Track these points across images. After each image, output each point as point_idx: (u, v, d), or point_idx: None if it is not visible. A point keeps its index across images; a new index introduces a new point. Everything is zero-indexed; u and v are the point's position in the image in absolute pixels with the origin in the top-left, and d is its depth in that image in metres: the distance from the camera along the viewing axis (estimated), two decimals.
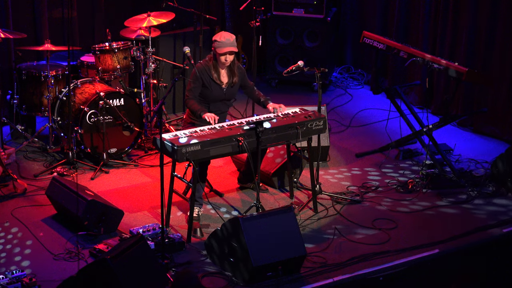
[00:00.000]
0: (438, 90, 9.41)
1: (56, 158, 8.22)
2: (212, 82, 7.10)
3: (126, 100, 8.21)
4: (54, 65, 8.45)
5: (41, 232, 6.90)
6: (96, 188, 7.52)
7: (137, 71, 8.99)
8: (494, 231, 7.06)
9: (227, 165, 8.17)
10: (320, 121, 7.07)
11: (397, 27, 9.81)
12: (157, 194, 6.89)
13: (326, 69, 7.53)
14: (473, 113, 8.81)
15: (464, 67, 7.92)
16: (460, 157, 8.38)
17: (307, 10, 10.12)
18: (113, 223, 6.90)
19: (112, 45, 8.46)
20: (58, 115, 8.27)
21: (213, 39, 7.06)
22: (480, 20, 8.85)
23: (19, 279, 5.99)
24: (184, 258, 6.51)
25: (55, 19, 9.15)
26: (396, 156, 8.43)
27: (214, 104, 7.16)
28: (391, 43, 8.37)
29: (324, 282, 6.25)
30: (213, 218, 7.15)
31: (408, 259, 6.61)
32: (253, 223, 6.21)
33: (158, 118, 6.35)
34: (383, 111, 9.43)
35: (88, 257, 6.48)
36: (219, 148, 6.63)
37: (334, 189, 7.75)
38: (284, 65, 10.12)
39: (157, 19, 8.60)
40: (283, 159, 7.67)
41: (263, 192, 7.63)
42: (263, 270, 6.16)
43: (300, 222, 7.05)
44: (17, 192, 7.51)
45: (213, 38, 7.06)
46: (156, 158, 8.30)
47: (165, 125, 8.76)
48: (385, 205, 7.47)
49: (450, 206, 7.47)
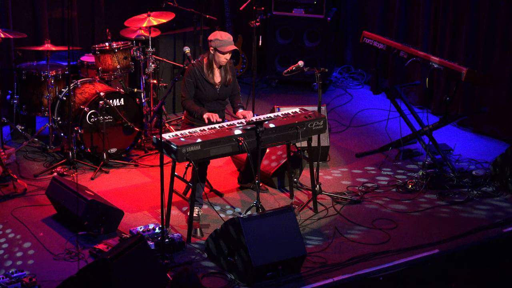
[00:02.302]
0: (438, 90, 9.41)
1: (56, 158, 8.22)
2: (206, 82, 7.10)
3: (126, 100, 8.21)
4: (54, 65, 8.45)
5: (41, 232, 6.90)
6: (96, 188, 7.51)
7: (137, 71, 8.99)
8: (494, 231, 7.06)
9: (227, 165, 8.17)
10: (320, 121, 7.07)
11: (397, 27, 9.82)
12: (157, 194, 6.89)
13: (326, 69, 7.53)
14: (473, 113, 8.80)
15: (464, 67, 7.93)
16: (460, 157, 8.38)
17: (307, 10, 10.13)
18: (113, 223, 6.90)
19: (112, 45, 8.46)
20: (58, 115, 8.27)
21: (212, 39, 7.04)
22: (480, 20, 8.85)
23: (19, 279, 5.99)
24: (184, 258, 6.51)
25: (55, 19, 9.16)
26: (396, 156, 8.42)
27: (209, 104, 7.16)
28: (391, 43, 8.37)
29: (324, 282, 6.25)
30: (213, 218, 7.15)
31: (408, 259, 6.61)
32: (253, 223, 6.21)
33: (158, 118, 6.35)
34: (383, 111, 9.43)
35: (88, 257, 6.48)
36: (219, 148, 6.63)
37: (334, 189, 7.75)
38: (284, 65, 10.13)
39: (157, 19, 8.60)
40: (283, 159, 7.67)
41: (263, 192, 7.63)
42: (263, 270, 6.15)
43: (300, 222, 7.05)
44: (17, 192, 7.51)
45: (211, 38, 7.05)
46: (156, 158, 8.30)
47: (165, 125, 8.77)
48: (385, 205, 7.47)
49: (450, 206, 7.47)
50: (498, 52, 8.73)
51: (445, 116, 8.18)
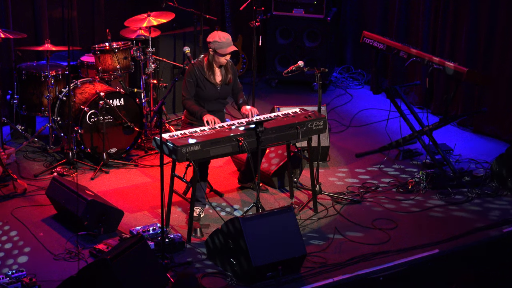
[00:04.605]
0: (438, 90, 9.41)
1: (56, 158, 8.22)
2: (206, 81, 7.09)
3: (126, 100, 8.21)
4: (54, 65, 8.45)
5: (41, 232, 6.90)
6: (96, 188, 7.52)
7: (137, 71, 8.99)
8: (494, 231, 7.06)
9: (227, 165, 8.17)
10: (320, 121, 7.07)
11: (397, 27, 9.82)
12: (157, 194, 6.89)
13: (326, 69, 7.53)
14: (473, 113, 8.80)
15: (464, 67, 7.93)
16: (460, 157, 8.38)
17: (307, 10, 10.13)
18: (113, 223, 6.90)
19: (112, 45, 8.46)
20: (58, 115, 8.27)
21: (211, 40, 7.01)
22: (480, 20, 8.85)
23: (19, 279, 5.99)
24: (184, 258, 6.51)
25: (55, 19, 9.16)
26: (396, 156, 8.42)
27: (209, 103, 7.15)
28: (391, 43, 8.37)
29: (324, 282, 6.25)
30: (213, 218, 7.15)
31: (408, 259, 6.61)
32: (253, 223, 6.21)
33: (158, 118, 6.35)
34: (383, 111, 9.43)
35: (88, 257, 6.49)
36: (219, 148, 6.63)
37: (334, 189, 7.75)
38: (284, 65, 10.13)
39: (157, 19, 8.60)
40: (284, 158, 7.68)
41: (263, 192, 7.63)
42: (263, 270, 6.15)
43: (300, 222, 7.05)
44: (17, 192, 7.51)
45: (210, 39, 7.02)
46: (156, 158, 8.30)
47: (165, 125, 8.77)
48: (385, 205, 7.47)
49: (450, 206, 7.47)
50: (498, 52, 8.73)
51: (445, 116, 8.18)
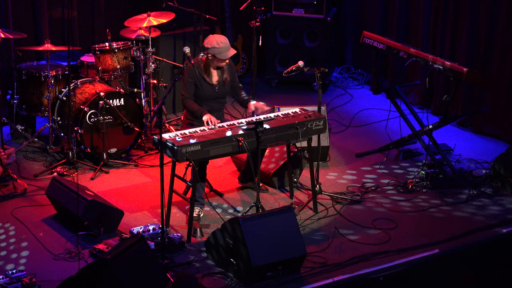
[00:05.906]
0: (438, 90, 9.40)
1: (56, 158, 8.22)
2: (204, 81, 7.09)
3: (126, 100, 8.21)
4: (54, 65, 8.45)
5: (41, 232, 6.90)
6: (96, 188, 7.52)
7: (137, 71, 8.99)
8: (494, 231, 7.06)
9: (227, 165, 8.17)
10: (320, 121, 7.07)
11: (397, 27, 9.81)
12: (157, 194, 6.89)
13: (326, 69, 7.53)
14: (473, 113, 8.80)
15: (464, 67, 7.93)
16: (460, 157, 8.38)
17: (307, 10, 10.13)
18: (113, 223, 6.90)
19: (112, 45, 8.46)
20: (58, 115, 8.27)
21: (209, 46, 6.93)
22: (480, 20, 8.85)
23: (19, 279, 5.99)
24: (184, 258, 6.52)
25: (55, 19, 9.16)
26: (396, 156, 8.42)
27: (208, 102, 7.15)
28: (391, 43, 8.37)
29: (324, 282, 6.25)
30: (213, 218, 7.15)
31: (408, 259, 6.61)
32: (253, 223, 6.21)
33: (158, 118, 6.35)
34: (383, 111, 9.42)
35: (88, 257, 6.49)
36: (219, 148, 6.63)
37: (334, 189, 7.75)
38: (284, 65, 10.12)
39: (157, 19, 8.60)
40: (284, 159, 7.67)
41: (263, 192, 7.63)
42: (263, 270, 6.15)
43: (300, 222, 7.05)
44: (17, 192, 7.51)
45: (208, 45, 6.94)
46: (156, 158, 8.30)
47: (165, 125, 8.77)
48: (385, 205, 7.47)
49: (450, 206, 7.47)
50: (498, 52, 8.73)
51: (445, 116, 8.18)
